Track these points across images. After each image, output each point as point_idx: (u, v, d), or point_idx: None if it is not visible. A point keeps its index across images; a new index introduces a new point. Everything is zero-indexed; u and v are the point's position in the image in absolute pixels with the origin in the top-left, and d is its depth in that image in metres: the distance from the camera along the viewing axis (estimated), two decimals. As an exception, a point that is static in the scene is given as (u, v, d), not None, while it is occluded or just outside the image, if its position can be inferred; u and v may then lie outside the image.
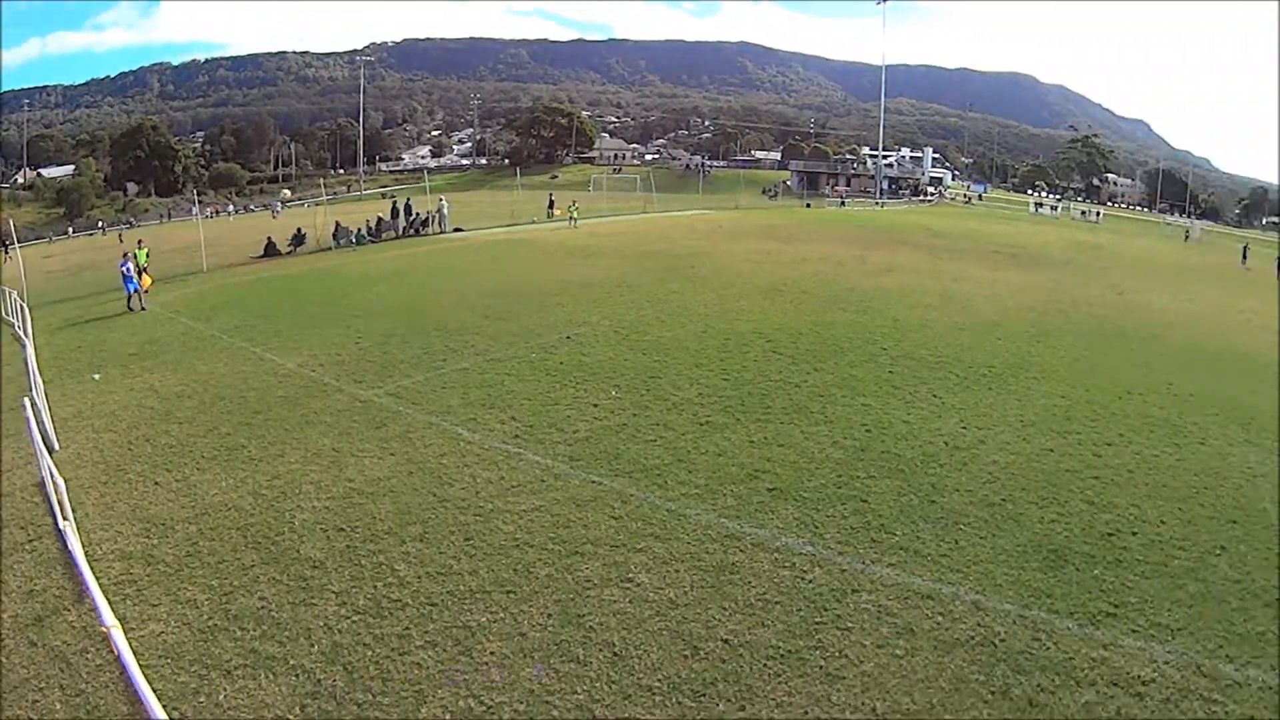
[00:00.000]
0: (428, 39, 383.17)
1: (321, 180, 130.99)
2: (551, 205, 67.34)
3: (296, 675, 8.68)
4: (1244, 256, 71.24)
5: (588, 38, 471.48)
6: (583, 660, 8.90)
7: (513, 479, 13.48)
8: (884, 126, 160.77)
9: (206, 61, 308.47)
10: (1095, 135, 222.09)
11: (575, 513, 12.29)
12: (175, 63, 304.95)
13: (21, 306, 29.99)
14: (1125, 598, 10.53)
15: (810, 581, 10.49)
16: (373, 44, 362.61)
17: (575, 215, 59.39)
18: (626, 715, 8.22)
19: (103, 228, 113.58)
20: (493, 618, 9.66)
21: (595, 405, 16.95)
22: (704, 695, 8.44)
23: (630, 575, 10.58)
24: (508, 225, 58.11)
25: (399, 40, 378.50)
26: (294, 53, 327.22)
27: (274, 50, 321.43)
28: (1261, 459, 16.46)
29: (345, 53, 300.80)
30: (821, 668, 8.88)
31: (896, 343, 22.06)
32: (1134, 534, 12.27)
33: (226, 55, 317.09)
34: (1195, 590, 10.95)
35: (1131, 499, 13.49)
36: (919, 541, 11.55)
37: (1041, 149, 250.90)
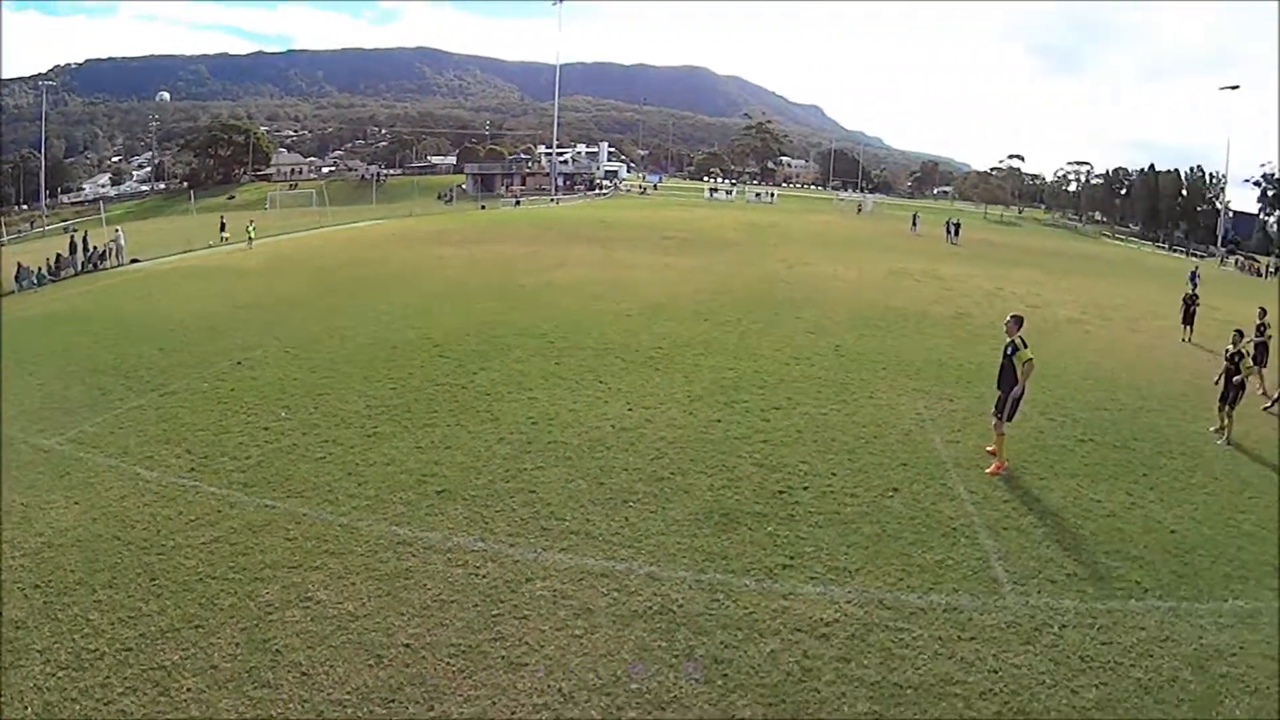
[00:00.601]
0: (110, 59, 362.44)
1: (2, 219, 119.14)
2: (223, 227, 64.02)
3: (16, 741, 8.27)
4: (914, 224, 78.97)
5: (267, 50, 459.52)
6: (273, 684, 8.78)
7: (190, 513, 12.97)
8: (558, 124, 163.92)
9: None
10: (769, 121, 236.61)
11: (252, 539, 11.97)
12: None
13: None
14: (801, 549, 11.37)
15: (484, 576, 10.66)
16: (56, 67, 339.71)
17: (252, 235, 57.01)
18: (323, 730, 8.22)
19: None
20: (185, 655, 9.32)
21: (266, 429, 16.47)
22: (393, 701, 8.47)
23: (310, 594, 10.42)
24: (183, 252, 54.98)
25: (81, 62, 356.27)
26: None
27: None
28: (929, 404, 18.12)
29: (30, 77, 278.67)
30: (504, 658, 9.05)
31: (564, 335, 22.61)
32: (805, 489, 13.29)
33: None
34: (870, 532, 12.02)
35: (801, 457, 14.60)
36: (589, 524, 11.94)
37: (717, 137, 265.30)
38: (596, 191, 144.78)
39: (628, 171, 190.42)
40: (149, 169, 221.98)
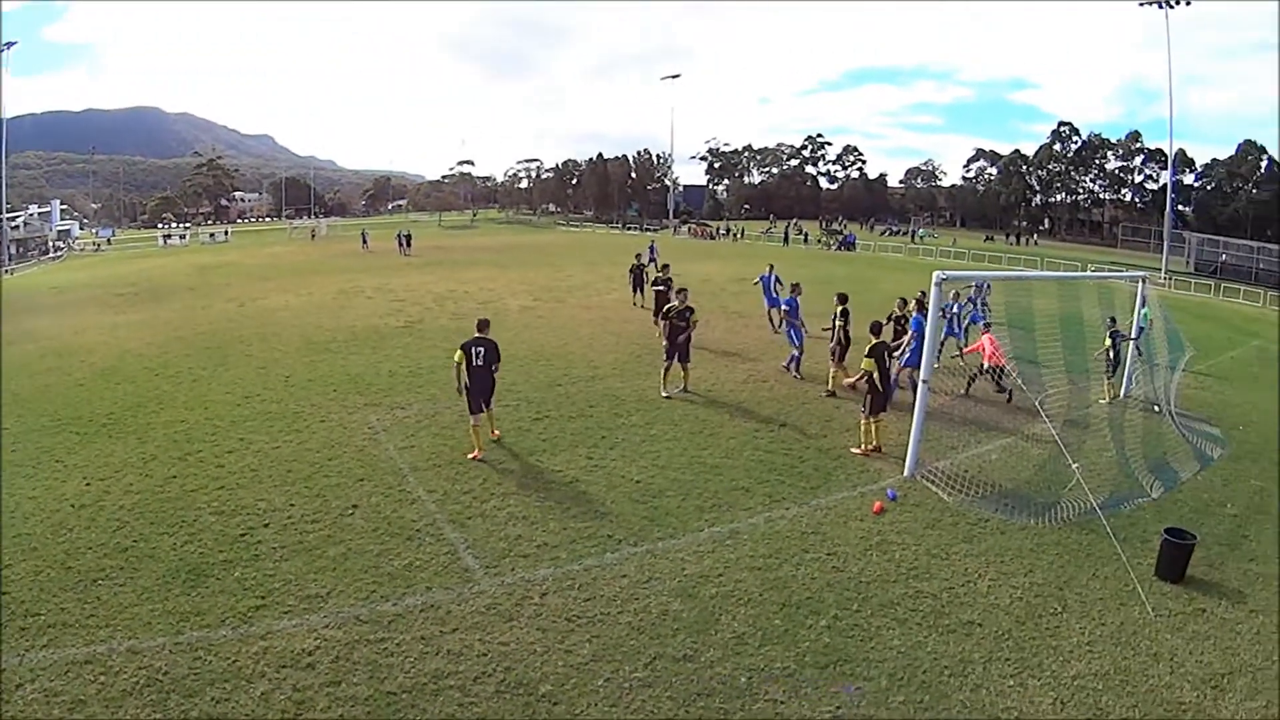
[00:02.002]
0: None
1: None
2: None
3: None
4: (364, 241, 79.83)
5: None
6: None
7: None
8: (9, 186, 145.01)
9: None
10: (220, 157, 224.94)
11: None
12: None
13: None
14: (270, 586, 11.24)
15: (-25, 695, 9.56)
16: None
17: None
18: None
19: None
20: None
21: None
22: None
23: None
24: None
25: None
26: None
27: None
28: (381, 416, 18.54)
29: None
30: (15, 782, 8.19)
31: (18, 417, 20.08)
32: (266, 526, 13.09)
33: None
34: (335, 554, 12.15)
35: (259, 495, 14.34)
36: (65, 613, 10.95)
37: (170, 180, 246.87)
38: (51, 255, 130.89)
39: (81, 228, 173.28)
40: None
